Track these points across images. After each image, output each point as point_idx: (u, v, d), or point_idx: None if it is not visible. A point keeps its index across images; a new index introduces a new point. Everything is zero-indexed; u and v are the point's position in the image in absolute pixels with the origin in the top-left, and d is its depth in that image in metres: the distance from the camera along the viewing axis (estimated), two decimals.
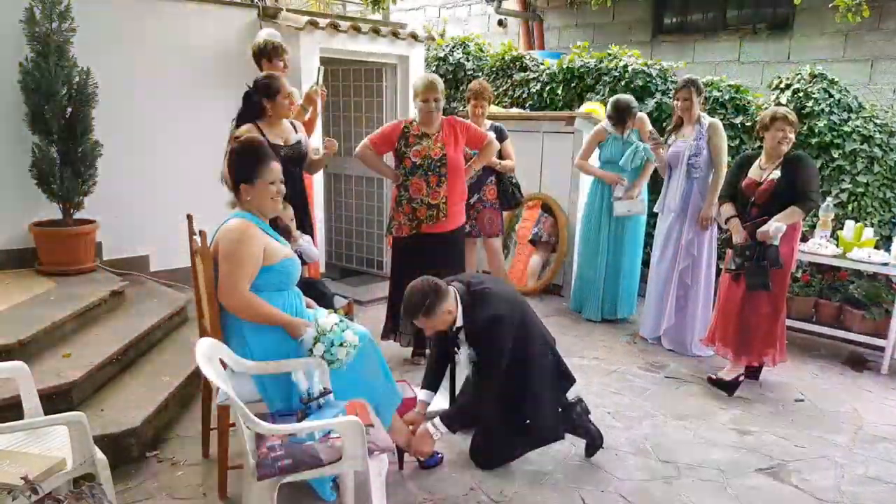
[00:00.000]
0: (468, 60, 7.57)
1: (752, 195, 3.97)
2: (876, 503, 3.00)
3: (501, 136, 4.73)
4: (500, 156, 4.74)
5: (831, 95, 5.49)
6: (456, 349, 3.17)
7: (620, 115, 4.94)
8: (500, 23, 10.86)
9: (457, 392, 3.49)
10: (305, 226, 3.95)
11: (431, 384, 3.30)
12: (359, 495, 2.67)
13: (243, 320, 2.69)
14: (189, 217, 2.99)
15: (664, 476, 3.15)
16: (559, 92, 6.72)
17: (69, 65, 4.28)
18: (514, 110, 6.72)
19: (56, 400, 3.01)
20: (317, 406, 2.61)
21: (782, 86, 5.73)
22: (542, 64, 7.12)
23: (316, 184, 5.15)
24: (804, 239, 4.64)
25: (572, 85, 6.66)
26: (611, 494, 2.99)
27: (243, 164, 2.75)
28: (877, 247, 4.72)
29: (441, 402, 3.42)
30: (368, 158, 4.14)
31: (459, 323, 3.04)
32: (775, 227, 3.79)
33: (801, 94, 5.54)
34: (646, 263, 5.26)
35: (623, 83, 6.22)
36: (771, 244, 3.82)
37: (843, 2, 6.15)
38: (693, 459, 3.31)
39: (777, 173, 3.90)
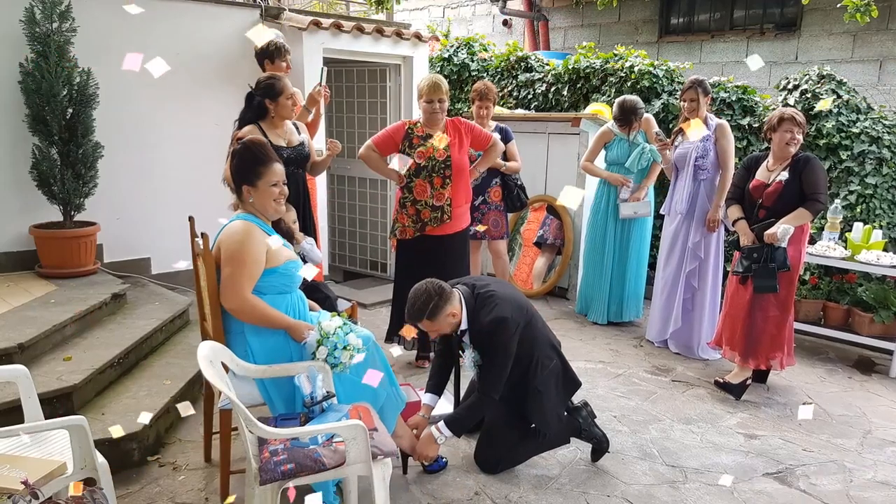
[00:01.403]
0: (473, 61, 7.55)
1: (759, 197, 3.94)
2: None
3: (507, 138, 4.70)
4: (506, 157, 4.71)
5: (839, 96, 5.45)
6: (460, 352, 3.14)
7: (626, 116, 4.91)
8: (505, 23, 10.84)
9: (461, 395, 3.46)
10: (308, 228, 3.93)
11: (436, 388, 3.27)
12: (362, 500, 2.64)
13: (245, 323, 2.66)
14: (191, 219, 2.97)
15: (671, 480, 3.12)
16: (565, 93, 6.70)
17: (70, 65, 4.26)
18: (520, 111, 6.69)
19: (57, 403, 3.00)
20: (320, 410, 2.58)
21: (790, 86, 5.69)
22: (547, 64, 7.09)
23: (319, 185, 5.13)
24: (812, 241, 4.60)
25: (578, 86, 6.63)
26: (617, 499, 2.96)
27: (245, 166, 2.72)
28: (885, 249, 4.68)
29: (445, 405, 3.39)
30: (372, 160, 4.10)
31: (464, 326, 3.01)
32: (783, 229, 3.75)
33: (808, 95, 5.50)
34: (652, 266, 5.22)
35: (629, 84, 6.18)
36: (779, 246, 3.79)
37: (852, 2, 6.12)
38: (700, 464, 3.27)
39: (785, 175, 3.86)
